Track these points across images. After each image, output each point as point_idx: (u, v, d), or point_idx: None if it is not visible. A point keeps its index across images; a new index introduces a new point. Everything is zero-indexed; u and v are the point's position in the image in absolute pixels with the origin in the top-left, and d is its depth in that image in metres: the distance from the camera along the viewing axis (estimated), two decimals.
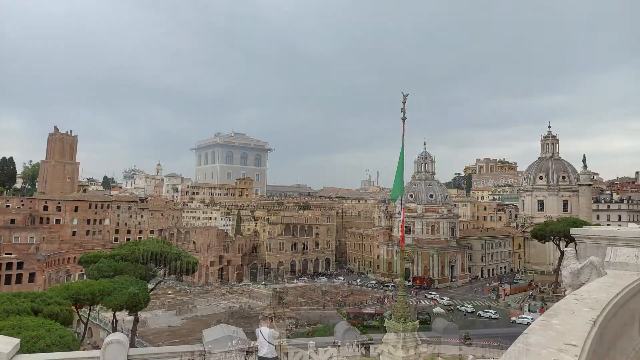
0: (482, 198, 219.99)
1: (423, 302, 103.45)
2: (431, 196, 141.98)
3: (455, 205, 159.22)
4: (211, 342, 9.95)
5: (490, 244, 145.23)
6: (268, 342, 10.44)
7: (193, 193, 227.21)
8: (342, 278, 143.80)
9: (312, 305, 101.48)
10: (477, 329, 59.02)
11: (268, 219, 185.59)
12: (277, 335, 10.92)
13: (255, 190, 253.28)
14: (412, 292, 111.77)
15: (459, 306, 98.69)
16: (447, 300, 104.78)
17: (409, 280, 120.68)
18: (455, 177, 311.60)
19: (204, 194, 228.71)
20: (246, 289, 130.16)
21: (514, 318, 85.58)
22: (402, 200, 18.98)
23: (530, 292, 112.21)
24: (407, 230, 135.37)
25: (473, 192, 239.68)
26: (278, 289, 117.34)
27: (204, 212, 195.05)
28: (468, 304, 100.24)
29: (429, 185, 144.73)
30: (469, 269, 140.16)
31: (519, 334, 4.74)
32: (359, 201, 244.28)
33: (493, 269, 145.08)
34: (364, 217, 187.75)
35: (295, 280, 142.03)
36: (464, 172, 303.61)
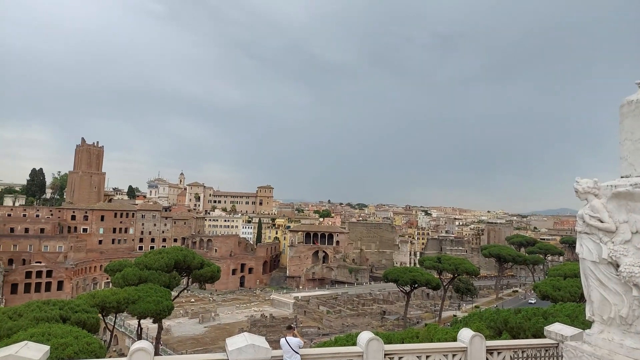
0: None
1: None
2: None
3: None
4: (235, 351, 9.93)
5: None
6: (294, 352, 10.38)
7: (215, 201, 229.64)
8: (366, 285, 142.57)
9: (335, 314, 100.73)
10: None
11: (288, 226, 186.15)
12: (302, 345, 10.85)
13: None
14: None
15: None
16: None
17: None
18: None
19: (225, 202, 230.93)
20: (268, 296, 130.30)
21: None
22: None
23: None
24: None
25: None
26: (300, 297, 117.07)
27: (225, 220, 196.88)
28: None
29: None
30: None
31: None
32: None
33: None
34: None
35: (316, 288, 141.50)
36: None
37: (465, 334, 12.56)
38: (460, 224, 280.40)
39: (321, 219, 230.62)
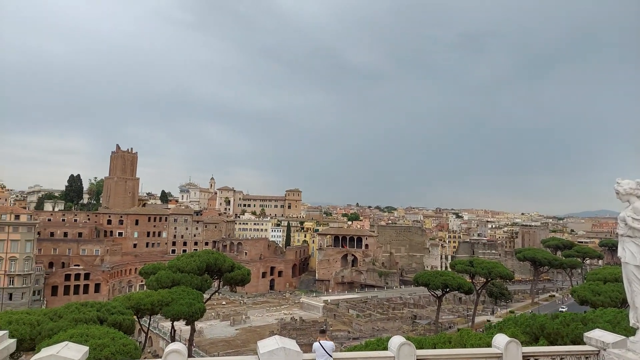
0: None
1: None
2: None
3: None
4: (266, 354, 9.99)
5: None
6: (329, 355, 10.38)
7: (244, 205, 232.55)
8: (396, 289, 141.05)
9: (365, 318, 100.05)
10: None
11: (316, 229, 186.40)
12: (334, 349, 10.84)
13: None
14: None
15: None
16: None
17: None
18: None
19: (254, 206, 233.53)
20: (297, 300, 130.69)
21: None
22: None
23: None
24: None
25: None
26: (329, 301, 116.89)
27: (255, 224, 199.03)
28: None
29: None
30: None
31: None
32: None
33: None
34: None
35: (346, 292, 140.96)
36: None
37: (500, 339, 12.23)
38: (493, 226, 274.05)
39: (349, 222, 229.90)
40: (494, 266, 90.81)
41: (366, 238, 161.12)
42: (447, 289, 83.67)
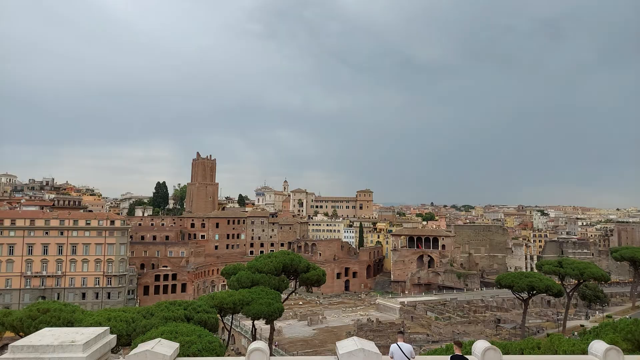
0: None
1: None
2: None
3: None
4: (345, 355, 9.98)
5: None
6: (407, 358, 10.18)
7: (317, 207, 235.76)
8: (476, 291, 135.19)
9: (444, 321, 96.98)
10: None
11: (390, 230, 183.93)
12: (413, 353, 10.58)
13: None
14: None
15: None
16: None
17: None
18: None
19: (326, 207, 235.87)
20: (373, 301, 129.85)
21: None
22: None
23: None
24: None
25: None
26: (406, 303, 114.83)
27: (327, 225, 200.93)
28: None
29: None
30: None
31: None
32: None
33: None
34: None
35: (423, 293, 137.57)
36: None
37: (598, 346, 11.21)
38: (584, 224, 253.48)
39: (424, 222, 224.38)
40: (586, 267, 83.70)
41: (443, 238, 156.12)
42: (534, 292, 78.51)
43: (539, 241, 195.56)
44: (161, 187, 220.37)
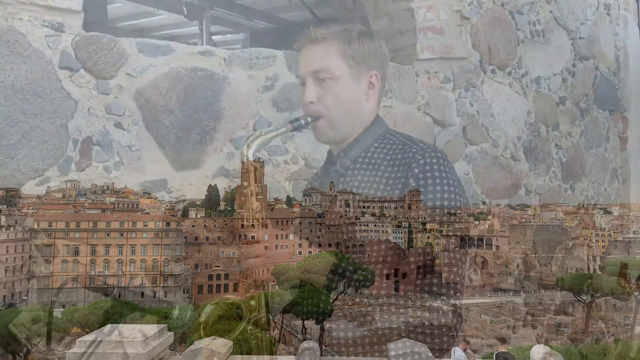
0: None
1: None
2: None
3: None
4: (397, 357, 9.79)
5: None
6: None
7: (363, 207, 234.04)
8: (534, 293, 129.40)
9: (500, 324, 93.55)
10: None
11: (440, 230, 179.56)
12: None
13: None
14: None
15: None
16: None
17: None
18: None
19: (373, 207, 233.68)
20: (423, 303, 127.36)
21: None
22: None
23: None
24: None
25: None
26: (458, 305, 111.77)
27: (375, 225, 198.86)
28: None
29: None
30: None
31: None
32: None
33: None
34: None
35: (476, 296, 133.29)
36: None
37: None
38: None
39: (476, 222, 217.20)
40: None
41: (496, 239, 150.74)
42: (598, 295, 74.15)
43: (602, 241, 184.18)
44: (213, 190, 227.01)
